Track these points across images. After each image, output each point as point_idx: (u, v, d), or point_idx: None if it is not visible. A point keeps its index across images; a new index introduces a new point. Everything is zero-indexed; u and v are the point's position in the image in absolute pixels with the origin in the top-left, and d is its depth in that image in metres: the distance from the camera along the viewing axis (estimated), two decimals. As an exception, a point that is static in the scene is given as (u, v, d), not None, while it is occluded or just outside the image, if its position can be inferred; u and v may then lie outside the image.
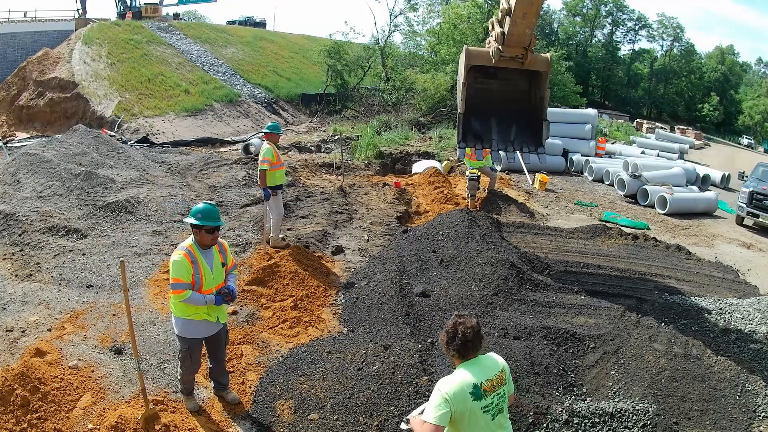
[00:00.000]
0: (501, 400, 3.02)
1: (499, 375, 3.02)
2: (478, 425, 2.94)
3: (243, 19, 46.86)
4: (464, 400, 2.88)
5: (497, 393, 3.00)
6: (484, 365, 3.02)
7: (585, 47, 58.80)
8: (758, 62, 68.17)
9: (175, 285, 4.02)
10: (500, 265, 6.88)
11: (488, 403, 2.95)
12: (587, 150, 17.93)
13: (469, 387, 2.90)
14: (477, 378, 2.94)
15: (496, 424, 3.00)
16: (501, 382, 3.03)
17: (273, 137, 7.65)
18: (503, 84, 8.34)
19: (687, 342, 5.66)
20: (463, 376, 2.95)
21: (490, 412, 2.96)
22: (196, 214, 4.04)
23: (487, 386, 2.96)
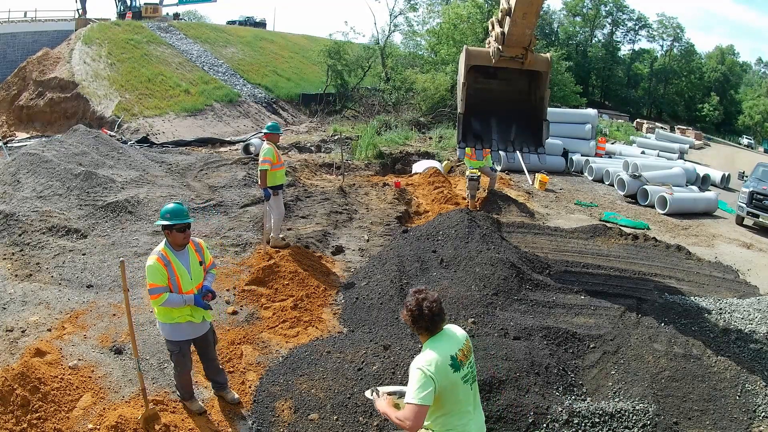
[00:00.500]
0: (472, 368, 3.08)
1: (466, 344, 3.06)
2: (457, 397, 2.96)
3: (243, 19, 46.85)
4: (446, 373, 2.89)
5: (469, 361, 3.05)
6: (451, 336, 3.04)
7: (585, 47, 58.79)
8: (758, 62, 68.19)
9: (152, 290, 3.97)
10: (500, 265, 6.88)
11: (465, 373, 3.00)
12: (587, 150, 17.93)
13: (447, 360, 2.91)
14: (450, 350, 2.96)
15: (473, 392, 3.06)
16: (470, 351, 3.07)
17: (273, 137, 7.64)
18: (503, 84, 8.33)
19: (687, 342, 5.66)
20: (438, 350, 2.95)
21: (468, 382, 3.01)
22: (164, 215, 3.99)
23: (461, 356, 2.99)
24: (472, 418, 3.05)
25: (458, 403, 2.97)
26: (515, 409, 4.47)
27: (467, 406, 3.02)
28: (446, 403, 2.95)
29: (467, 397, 3.01)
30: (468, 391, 3.01)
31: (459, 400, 2.96)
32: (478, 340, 5.52)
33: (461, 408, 2.99)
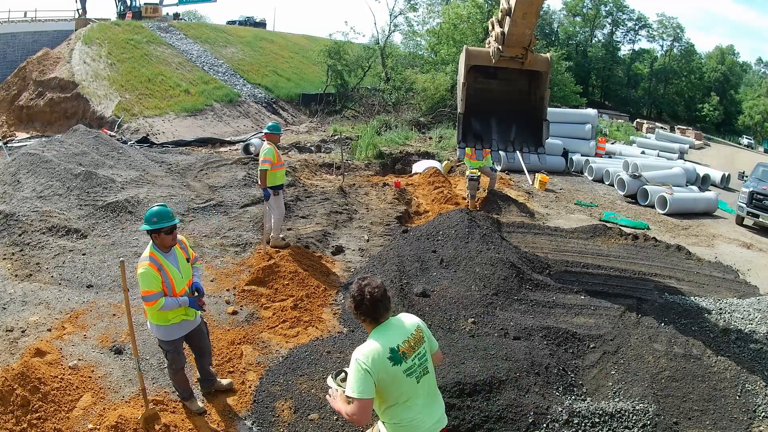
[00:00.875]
0: (423, 360, 2.93)
1: (415, 334, 2.93)
2: (401, 390, 2.86)
3: (243, 19, 46.87)
4: (384, 366, 2.79)
5: (417, 353, 2.90)
6: (397, 327, 2.93)
7: (585, 47, 58.81)
8: (758, 62, 68.18)
9: (148, 297, 3.93)
10: (500, 265, 6.88)
11: (410, 366, 2.87)
12: (587, 150, 17.93)
13: (386, 352, 2.81)
14: (393, 341, 2.85)
15: (422, 386, 2.92)
16: (419, 341, 2.93)
17: (273, 137, 7.65)
18: (503, 84, 8.33)
19: (687, 342, 5.66)
20: (377, 342, 2.85)
21: (413, 375, 2.88)
22: (151, 219, 3.94)
23: (405, 348, 2.87)
24: (423, 411, 2.93)
25: (403, 395, 2.87)
26: (515, 409, 4.47)
27: (415, 399, 2.90)
28: (390, 396, 2.87)
29: (413, 390, 2.89)
30: (414, 384, 2.88)
31: (403, 392, 2.86)
32: (478, 340, 5.52)
33: (408, 401, 2.89)
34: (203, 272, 6.95)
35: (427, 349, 2.98)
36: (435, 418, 2.99)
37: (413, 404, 2.91)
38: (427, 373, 2.95)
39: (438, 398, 3.06)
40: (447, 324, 5.95)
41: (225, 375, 4.99)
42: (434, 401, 3.02)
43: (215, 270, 7.09)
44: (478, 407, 4.43)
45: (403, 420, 2.90)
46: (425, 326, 3.04)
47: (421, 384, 2.91)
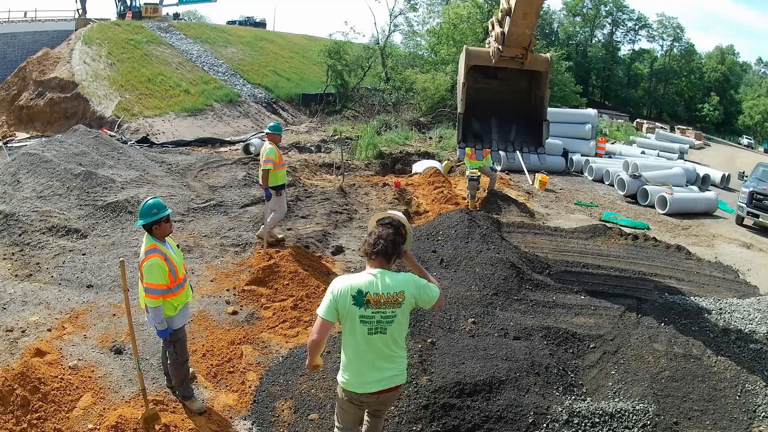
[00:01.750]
0: (386, 320, 2.99)
1: (392, 295, 2.98)
2: (355, 334, 3.01)
3: (243, 19, 46.87)
4: (345, 301, 2.95)
5: (382, 311, 2.97)
6: (382, 279, 3.00)
7: (585, 47, 58.83)
8: (758, 62, 68.23)
9: (154, 290, 4.05)
10: (500, 265, 6.88)
11: (367, 315, 2.97)
12: (587, 150, 17.94)
13: (353, 290, 2.96)
14: (366, 287, 2.96)
15: (372, 342, 3.01)
16: (392, 304, 2.98)
17: (275, 137, 7.67)
18: (503, 84, 8.33)
19: (687, 342, 5.66)
20: (354, 278, 3.02)
21: (367, 325, 2.98)
22: (150, 211, 4.08)
23: (373, 299, 2.96)
24: (366, 362, 3.05)
25: (354, 337, 3.02)
26: (515, 409, 4.47)
27: (364, 348, 3.03)
28: (345, 334, 3.05)
29: (363, 338, 3.00)
30: (364, 334, 2.99)
31: (355, 338, 3.01)
32: (478, 340, 5.52)
33: (356, 347, 3.04)
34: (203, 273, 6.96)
35: (398, 314, 3.03)
36: (376, 377, 3.08)
37: (360, 351, 3.05)
38: (384, 333, 3.03)
39: (390, 364, 3.11)
40: (447, 324, 5.94)
41: (225, 375, 4.99)
42: (383, 362, 3.09)
43: (215, 270, 7.10)
44: (478, 407, 4.43)
45: (349, 360, 3.10)
46: (417, 294, 3.08)
47: (372, 338, 3.02)
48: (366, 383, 3.10)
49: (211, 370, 5.02)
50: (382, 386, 3.12)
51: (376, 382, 3.10)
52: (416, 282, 3.11)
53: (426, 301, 3.12)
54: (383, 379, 3.11)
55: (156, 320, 4.14)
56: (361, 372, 3.08)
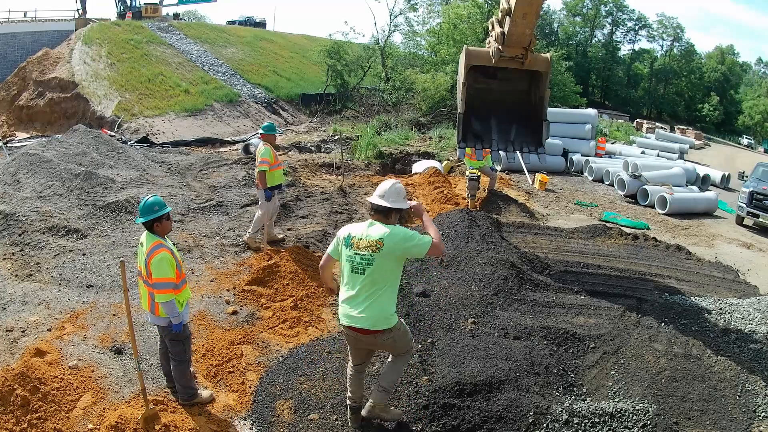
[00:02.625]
0: (366, 262, 3.64)
1: (372, 242, 3.62)
2: (346, 270, 3.77)
3: (243, 19, 46.86)
4: (338, 244, 3.81)
5: (363, 254, 3.65)
6: (369, 228, 3.72)
7: (585, 47, 58.83)
8: (758, 62, 68.22)
9: (165, 284, 4.07)
10: (500, 265, 6.88)
11: (351, 255, 3.69)
12: (587, 150, 17.94)
13: (346, 234, 3.77)
14: (355, 232, 3.73)
15: (355, 277, 3.71)
16: (372, 249, 3.62)
17: (269, 138, 7.63)
18: (503, 84, 8.33)
19: (687, 342, 5.66)
20: (352, 226, 3.86)
21: (350, 263, 3.71)
22: (153, 208, 4.12)
23: (356, 243, 3.68)
24: (350, 298, 3.73)
25: (347, 275, 3.76)
26: (515, 409, 4.47)
27: (349, 284, 3.74)
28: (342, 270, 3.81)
29: (349, 275, 3.73)
30: (349, 271, 3.72)
31: (348, 273, 3.74)
32: (478, 340, 5.52)
33: (347, 281, 3.76)
34: (203, 273, 6.96)
35: (377, 259, 3.61)
36: (356, 312, 3.70)
37: (346, 287, 3.78)
38: (364, 274, 3.65)
39: (369, 303, 3.67)
40: (447, 324, 5.94)
41: (225, 375, 4.99)
42: (362, 300, 3.68)
43: (215, 270, 7.10)
44: (478, 407, 4.43)
45: (341, 294, 3.84)
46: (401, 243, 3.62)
47: (354, 275, 3.70)
48: (345, 315, 3.77)
49: (211, 370, 5.02)
50: (356, 323, 3.72)
51: (352, 318, 3.72)
52: (402, 234, 3.64)
53: (414, 250, 3.66)
54: (357, 317, 3.70)
55: (172, 314, 4.13)
56: (344, 305, 3.78)
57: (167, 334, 4.30)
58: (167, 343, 4.36)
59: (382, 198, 3.71)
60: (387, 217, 3.71)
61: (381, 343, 3.87)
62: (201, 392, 4.54)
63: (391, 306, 3.74)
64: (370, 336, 3.77)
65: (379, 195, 3.73)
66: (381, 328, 3.71)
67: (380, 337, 3.76)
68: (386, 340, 3.81)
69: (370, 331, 3.73)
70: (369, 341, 3.85)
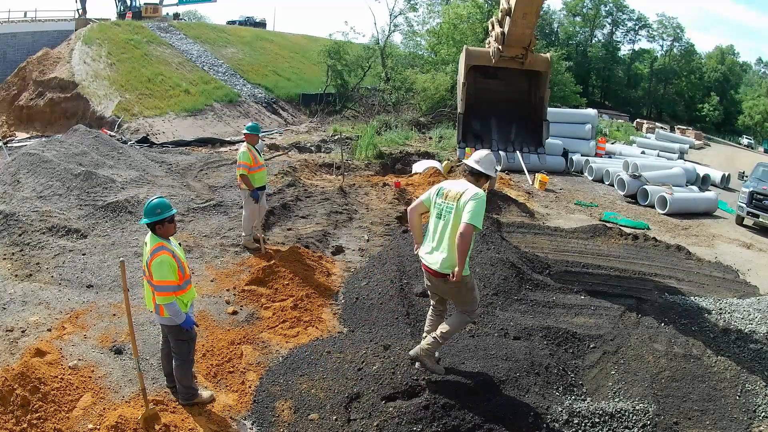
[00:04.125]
0: (447, 209, 4.19)
1: (454, 194, 4.19)
2: (432, 216, 4.34)
3: (243, 19, 46.83)
4: (432, 192, 4.39)
5: (447, 204, 4.21)
6: (455, 183, 4.33)
7: (585, 47, 58.80)
8: (758, 62, 68.14)
9: (166, 287, 4.05)
10: (500, 265, 6.88)
11: (438, 204, 4.28)
12: (587, 150, 17.94)
13: (440, 186, 4.38)
14: (447, 186, 4.32)
15: (437, 222, 4.27)
16: (453, 199, 4.17)
17: (251, 138, 7.61)
18: (503, 84, 8.35)
19: (687, 342, 5.66)
20: (446, 182, 4.45)
21: (436, 210, 4.30)
22: (155, 210, 4.11)
23: (445, 194, 4.26)
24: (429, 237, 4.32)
25: (432, 221, 4.32)
26: (515, 409, 4.47)
27: (433, 231, 4.29)
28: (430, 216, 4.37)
29: (432, 219, 4.31)
30: (434, 215, 4.30)
31: (434, 219, 4.31)
32: (478, 340, 5.52)
33: (431, 226, 4.33)
34: (203, 273, 6.96)
35: (454, 208, 4.15)
36: (432, 254, 4.28)
37: (430, 230, 4.35)
38: (442, 219, 4.23)
39: (440, 246, 4.22)
40: (447, 324, 5.94)
41: (225, 375, 4.99)
42: (437, 242, 4.25)
43: (215, 270, 7.10)
44: (478, 407, 4.43)
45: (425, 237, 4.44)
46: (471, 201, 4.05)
47: (437, 221, 4.27)
48: (423, 256, 4.37)
49: (211, 370, 5.02)
50: (429, 264, 4.30)
51: (427, 259, 4.32)
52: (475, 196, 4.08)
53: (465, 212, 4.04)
54: (431, 259, 4.28)
55: (174, 315, 4.13)
56: (424, 247, 4.38)
57: (173, 333, 4.30)
58: (172, 343, 4.36)
59: (477, 163, 4.22)
60: (476, 180, 4.24)
61: (447, 288, 4.34)
62: (201, 392, 4.54)
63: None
64: (440, 279, 4.26)
65: (475, 160, 4.25)
66: (447, 273, 4.16)
67: (442, 281, 4.26)
68: (451, 287, 4.26)
69: (439, 274, 4.22)
70: (438, 284, 4.38)
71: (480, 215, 4.03)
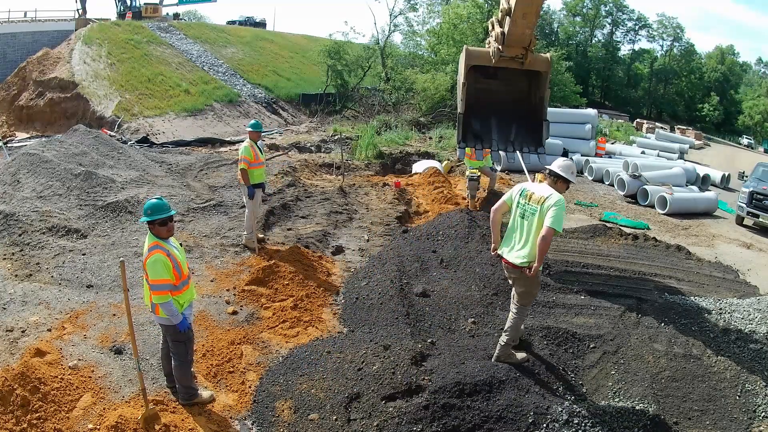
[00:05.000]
0: (530, 212, 4.64)
1: (537, 197, 4.63)
2: (514, 214, 4.81)
3: (243, 19, 46.81)
4: (514, 193, 4.86)
5: (530, 205, 4.66)
6: (539, 187, 4.77)
7: (585, 47, 58.81)
8: (758, 62, 68.18)
9: (161, 286, 4.05)
10: (500, 265, 6.87)
11: (521, 204, 4.76)
12: (587, 150, 17.93)
13: (523, 187, 4.84)
14: (530, 189, 4.77)
15: (520, 221, 4.73)
16: (538, 202, 4.61)
17: (252, 135, 7.79)
18: (503, 84, 8.34)
19: (687, 342, 5.66)
20: (528, 183, 4.96)
21: (518, 209, 4.78)
22: (146, 211, 4.14)
23: (529, 195, 4.73)
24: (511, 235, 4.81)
25: (514, 219, 4.78)
26: (515, 409, 4.47)
27: (513, 225, 4.79)
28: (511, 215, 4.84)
29: (514, 218, 4.79)
30: (517, 217, 4.76)
31: (517, 217, 4.76)
32: (478, 340, 5.52)
33: (513, 224, 4.79)
34: (203, 273, 6.96)
35: (537, 210, 4.59)
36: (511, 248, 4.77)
37: (510, 226, 4.82)
38: (526, 220, 4.66)
39: (524, 243, 4.68)
40: (447, 324, 5.95)
41: (225, 375, 4.99)
42: (520, 239, 4.70)
43: (215, 270, 7.10)
44: (478, 407, 4.44)
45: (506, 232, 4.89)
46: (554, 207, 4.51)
47: (520, 220, 4.73)
48: (503, 250, 4.84)
49: (211, 370, 5.02)
50: (508, 257, 4.78)
51: (506, 252, 4.79)
52: (556, 201, 4.56)
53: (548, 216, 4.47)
54: (510, 252, 4.77)
55: (171, 315, 4.12)
56: (505, 241, 4.85)
57: (169, 333, 4.30)
58: (169, 343, 4.36)
59: (558, 167, 4.72)
60: (555, 183, 4.73)
61: (516, 277, 4.80)
62: (201, 392, 4.54)
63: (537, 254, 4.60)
64: (515, 270, 4.75)
65: (556, 165, 4.74)
66: (520, 265, 4.67)
67: (519, 273, 4.71)
68: (520, 278, 4.75)
69: (515, 266, 4.73)
70: (510, 273, 4.87)
71: (561, 220, 4.50)
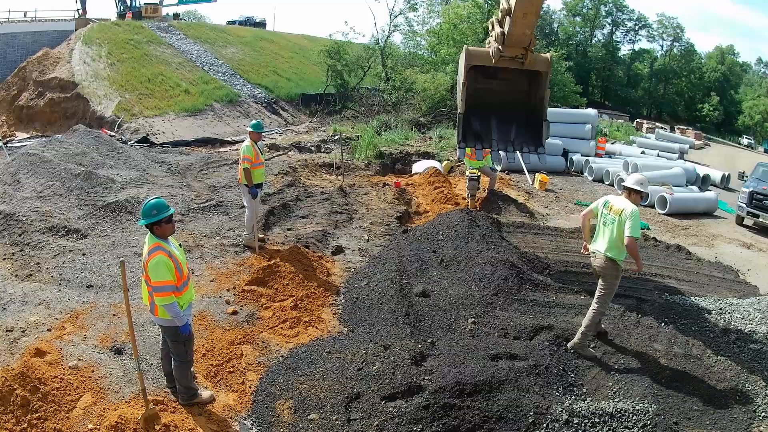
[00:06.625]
0: (610, 221, 5.36)
1: (617, 208, 5.33)
2: (599, 220, 5.53)
3: (243, 19, 46.82)
4: (599, 203, 5.59)
5: (611, 215, 5.37)
6: (618, 200, 5.46)
7: (585, 47, 58.79)
8: (758, 62, 68.09)
9: (164, 287, 4.04)
10: (500, 265, 6.88)
11: (603, 214, 5.49)
12: (587, 150, 17.91)
13: (606, 199, 5.57)
14: (611, 200, 5.50)
15: (603, 228, 5.45)
16: (617, 213, 5.30)
17: (253, 135, 7.81)
18: (503, 84, 8.34)
19: (687, 342, 5.67)
20: (610, 197, 5.65)
21: (602, 219, 5.51)
22: (150, 212, 4.11)
23: (611, 207, 5.42)
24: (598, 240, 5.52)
25: (600, 226, 5.52)
26: (515, 409, 4.47)
27: (598, 233, 5.53)
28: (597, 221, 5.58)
29: (599, 225, 5.52)
30: (600, 223, 5.52)
31: (601, 225, 5.50)
32: (478, 340, 5.52)
33: (599, 230, 5.52)
34: (203, 273, 6.96)
35: (615, 220, 5.30)
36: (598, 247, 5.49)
37: (597, 230, 5.59)
38: (607, 227, 5.40)
39: (606, 242, 5.38)
40: (447, 324, 5.95)
41: (225, 375, 4.99)
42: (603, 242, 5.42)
43: (215, 270, 7.10)
44: (478, 407, 4.44)
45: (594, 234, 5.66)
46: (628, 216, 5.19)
47: (603, 227, 5.46)
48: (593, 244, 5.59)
49: (211, 370, 5.02)
50: (594, 248, 5.55)
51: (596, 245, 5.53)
52: (632, 212, 5.20)
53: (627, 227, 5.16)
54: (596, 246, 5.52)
55: (175, 316, 4.12)
56: (593, 239, 5.62)
57: (168, 334, 4.29)
58: (169, 344, 4.36)
59: (632, 183, 5.37)
60: (629, 194, 5.37)
61: (599, 265, 5.45)
62: (201, 392, 4.54)
63: (619, 253, 5.33)
64: (600, 258, 5.41)
65: (630, 181, 5.41)
66: (607, 255, 5.35)
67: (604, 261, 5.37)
68: (603, 267, 5.40)
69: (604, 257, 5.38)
70: (596, 260, 5.49)
71: (638, 228, 5.20)
